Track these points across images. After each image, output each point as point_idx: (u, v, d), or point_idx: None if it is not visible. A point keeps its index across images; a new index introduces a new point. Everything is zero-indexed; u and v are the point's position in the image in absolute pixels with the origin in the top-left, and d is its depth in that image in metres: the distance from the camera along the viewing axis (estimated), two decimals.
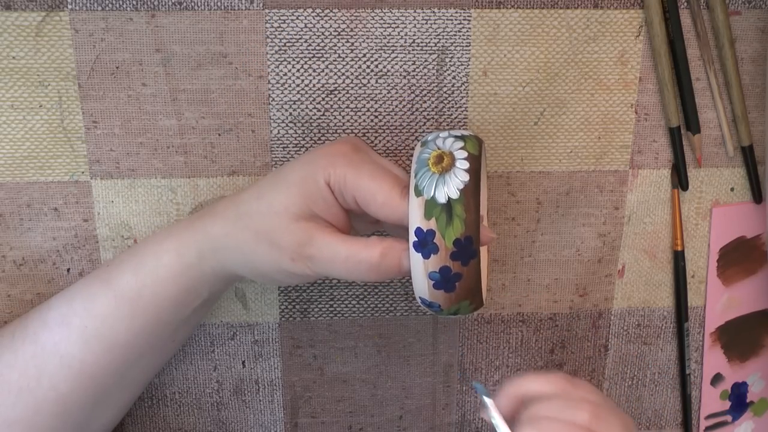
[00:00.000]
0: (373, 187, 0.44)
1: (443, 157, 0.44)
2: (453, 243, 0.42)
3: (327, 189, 0.45)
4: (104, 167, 0.52)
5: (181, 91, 0.51)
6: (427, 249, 0.43)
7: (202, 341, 0.57)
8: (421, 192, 0.43)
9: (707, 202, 0.58)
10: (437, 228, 0.42)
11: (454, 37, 0.52)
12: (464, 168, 0.43)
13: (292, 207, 0.45)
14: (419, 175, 0.43)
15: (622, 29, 0.53)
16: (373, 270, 0.45)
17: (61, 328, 0.48)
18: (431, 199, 0.43)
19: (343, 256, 0.45)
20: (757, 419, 0.64)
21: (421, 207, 0.43)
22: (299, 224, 0.45)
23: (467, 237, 0.43)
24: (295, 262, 0.45)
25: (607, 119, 0.55)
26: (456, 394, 0.60)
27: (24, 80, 0.50)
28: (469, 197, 0.43)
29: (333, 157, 0.46)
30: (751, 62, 0.55)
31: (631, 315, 0.60)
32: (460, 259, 0.43)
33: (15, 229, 0.53)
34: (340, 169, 0.45)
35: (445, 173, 0.43)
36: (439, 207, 0.43)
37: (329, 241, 0.45)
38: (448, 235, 0.42)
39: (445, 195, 0.43)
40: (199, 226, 0.48)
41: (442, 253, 0.43)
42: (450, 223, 0.42)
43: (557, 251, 0.57)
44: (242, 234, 0.46)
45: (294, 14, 0.50)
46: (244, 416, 0.59)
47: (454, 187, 0.43)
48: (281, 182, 0.46)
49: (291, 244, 0.45)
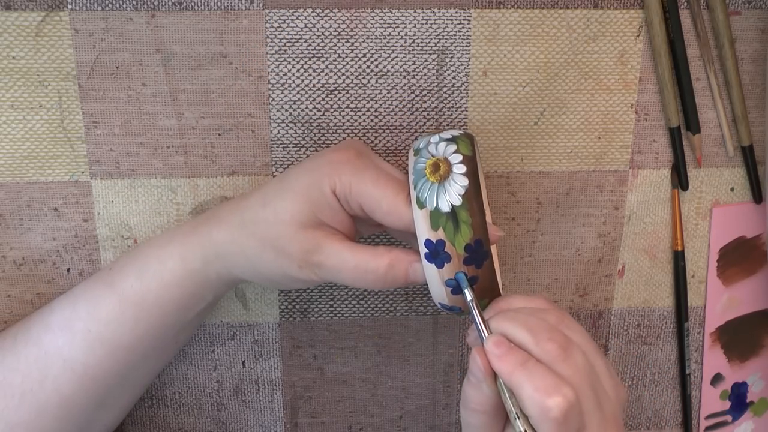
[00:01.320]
0: (377, 194, 0.45)
1: (439, 164, 0.44)
2: (464, 249, 0.43)
3: (333, 197, 0.45)
4: (104, 167, 0.52)
5: (181, 91, 0.51)
6: (439, 259, 0.43)
7: (202, 341, 0.57)
8: (424, 203, 0.43)
9: (707, 202, 0.58)
10: (446, 237, 0.43)
11: (454, 37, 0.52)
12: (462, 172, 0.43)
13: (298, 215, 0.45)
14: (419, 187, 0.43)
15: (622, 29, 0.53)
16: (379, 280, 0.45)
17: (64, 331, 0.48)
18: (435, 209, 0.43)
19: (352, 265, 0.45)
20: (757, 419, 0.64)
21: (426, 219, 0.43)
22: (306, 232, 0.45)
23: (477, 240, 0.43)
24: (302, 269, 0.45)
25: (607, 119, 0.55)
26: (456, 394, 0.60)
27: (24, 80, 0.50)
28: (472, 200, 0.43)
29: (337, 165, 0.46)
30: (751, 62, 0.55)
31: (631, 315, 0.60)
32: (474, 262, 0.43)
33: (15, 229, 0.53)
34: (345, 177, 0.45)
35: (444, 181, 0.43)
36: (444, 216, 0.43)
37: (337, 250, 0.45)
38: (458, 242, 0.43)
39: (448, 203, 0.43)
40: (204, 231, 0.48)
41: (454, 260, 0.43)
42: (458, 230, 0.43)
43: (557, 251, 0.57)
44: (248, 241, 0.46)
45: (294, 14, 0.50)
46: (244, 416, 0.59)
47: (456, 193, 0.43)
48: (286, 190, 0.46)
49: (298, 252, 0.45)
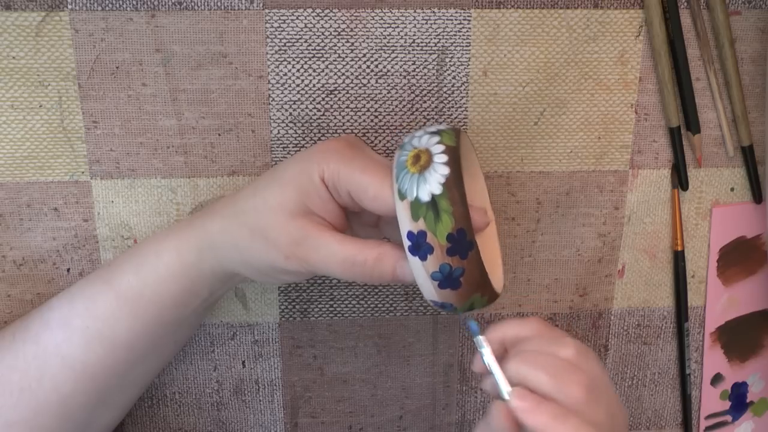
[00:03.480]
0: (364, 180, 0.44)
1: (420, 155, 0.43)
2: (446, 239, 0.42)
3: (322, 185, 0.45)
4: (104, 167, 0.52)
5: (181, 91, 0.51)
6: (422, 250, 0.42)
7: (202, 341, 0.57)
8: (405, 194, 0.42)
9: (707, 202, 0.58)
10: (427, 227, 0.42)
11: (454, 37, 0.52)
12: (442, 161, 0.42)
13: (287, 203, 0.45)
14: (400, 178, 0.43)
15: (622, 29, 0.53)
16: (366, 274, 0.45)
17: (62, 329, 0.48)
18: (415, 199, 0.42)
19: (340, 257, 0.45)
20: (757, 419, 0.64)
21: (407, 209, 0.42)
22: (295, 221, 0.45)
23: (459, 230, 0.42)
24: (289, 260, 0.45)
25: (607, 119, 0.55)
26: (456, 394, 0.60)
27: (24, 80, 0.50)
28: (453, 189, 0.42)
29: (327, 153, 0.46)
30: (751, 62, 0.55)
31: (631, 315, 0.60)
32: (458, 253, 0.42)
33: (15, 229, 0.53)
34: (333, 165, 0.45)
35: (425, 171, 0.42)
36: (424, 206, 0.42)
37: (325, 241, 0.45)
38: (440, 231, 0.42)
39: (428, 192, 0.42)
40: (198, 224, 0.48)
41: (437, 251, 0.42)
42: (438, 219, 0.42)
43: (557, 251, 0.57)
44: (239, 231, 0.46)
45: (294, 14, 0.50)
46: (244, 416, 0.59)
47: (435, 182, 0.42)
48: (276, 179, 0.46)
49: (286, 242, 0.45)
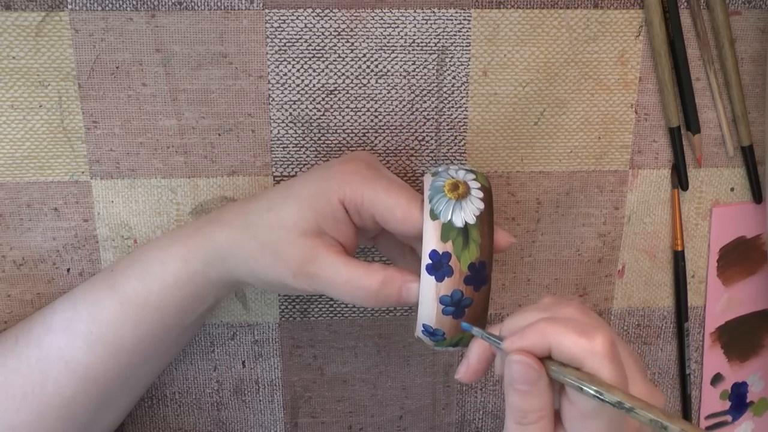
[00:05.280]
0: (391, 203, 0.45)
1: (458, 185, 0.45)
2: (468, 267, 0.43)
3: (340, 207, 0.45)
4: (104, 167, 0.52)
5: (181, 91, 0.51)
6: (441, 272, 0.43)
7: (202, 341, 0.57)
8: (438, 216, 0.44)
9: (707, 202, 0.58)
10: (453, 251, 0.43)
11: (454, 37, 0.52)
12: (479, 197, 0.44)
13: (300, 222, 0.45)
14: (435, 200, 0.44)
15: (622, 29, 0.53)
16: (371, 297, 0.45)
17: (66, 333, 0.48)
18: (448, 222, 0.43)
19: (344, 279, 0.45)
20: (757, 419, 0.64)
21: (437, 230, 0.43)
22: (306, 240, 0.45)
23: (481, 262, 0.43)
24: (296, 278, 0.45)
25: (607, 119, 0.55)
26: (456, 394, 0.60)
27: (24, 80, 0.50)
28: (485, 224, 0.44)
29: (348, 175, 0.46)
30: (751, 62, 0.55)
31: (631, 315, 0.60)
32: (473, 283, 0.44)
33: (15, 229, 0.53)
34: (356, 187, 0.45)
35: (462, 200, 0.44)
36: (456, 230, 0.43)
37: (332, 262, 0.45)
38: (464, 258, 0.43)
39: (462, 219, 0.44)
40: (206, 232, 0.47)
41: (456, 276, 0.43)
42: (466, 246, 0.43)
43: (557, 251, 0.57)
44: (249, 244, 0.46)
45: (294, 14, 0.50)
46: (244, 416, 0.59)
47: (471, 212, 0.44)
48: (293, 197, 0.46)
49: (295, 260, 0.45)
